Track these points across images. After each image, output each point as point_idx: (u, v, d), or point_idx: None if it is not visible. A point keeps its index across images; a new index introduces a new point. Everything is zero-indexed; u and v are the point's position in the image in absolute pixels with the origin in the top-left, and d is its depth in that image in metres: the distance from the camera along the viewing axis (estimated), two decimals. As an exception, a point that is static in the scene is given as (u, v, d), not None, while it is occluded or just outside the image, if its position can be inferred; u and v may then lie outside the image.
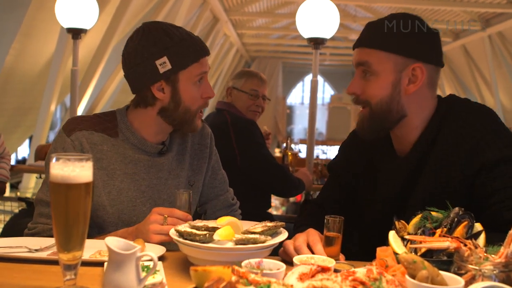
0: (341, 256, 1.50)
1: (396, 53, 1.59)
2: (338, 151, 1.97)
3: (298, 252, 1.47)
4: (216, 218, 1.82)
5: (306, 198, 4.06)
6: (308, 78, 17.61)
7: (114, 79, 8.02)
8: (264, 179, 3.13)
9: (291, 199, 8.34)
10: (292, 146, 3.99)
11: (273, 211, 6.75)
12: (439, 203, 1.46)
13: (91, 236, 1.64)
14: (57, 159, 1.12)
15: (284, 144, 4.00)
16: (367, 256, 1.59)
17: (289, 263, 1.33)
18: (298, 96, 18.05)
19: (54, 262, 1.34)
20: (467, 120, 1.60)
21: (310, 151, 3.88)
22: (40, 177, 4.69)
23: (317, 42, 3.65)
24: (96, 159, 1.68)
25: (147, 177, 1.76)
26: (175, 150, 1.83)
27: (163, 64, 1.64)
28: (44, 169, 1.72)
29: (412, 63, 1.60)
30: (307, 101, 17.95)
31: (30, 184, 6.85)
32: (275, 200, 8.48)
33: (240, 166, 3.03)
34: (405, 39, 1.60)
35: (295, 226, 1.82)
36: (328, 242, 1.46)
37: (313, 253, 1.45)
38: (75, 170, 1.11)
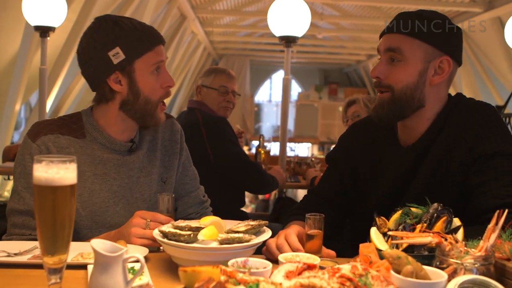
0: (332, 252, 1.53)
1: (429, 43, 1.65)
2: (337, 143, 2.00)
3: (280, 250, 1.48)
4: (187, 215, 1.81)
5: (279, 195, 4.09)
6: (276, 75, 17.66)
7: (81, 77, 7.86)
8: (237, 177, 3.13)
9: (260, 197, 8.36)
10: (265, 144, 4.00)
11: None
12: (437, 193, 1.52)
13: None
14: (39, 161, 1.10)
15: (258, 142, 4.01)
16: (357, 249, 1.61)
17: (273, 261, 1.33)
18: (265, 93, 18.09)
19: (35, 266, 1.32)
20: (469, 116, 1.68)
21: (282, 148, 3.90)
22: (9, 178, 4.58)
23: (288, 40, 3.67)
24: None
25: (118, 176, 1.74)
26: (145, 147, 1.82)
27: (116, 55, 1.62)
28: (13, 173, 1.68)
29: (441, 55, 1.66)
30: (274, 98, 18.00)
31: (-5, 186, 6.68)
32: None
33: (213, 164, 3.03)
34: (438, 31, 1.66)
35: (287, 215, 1.84)
36: (309, 239, 1.48)
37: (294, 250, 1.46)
38: (60, 172, 1.09)
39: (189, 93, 14.61)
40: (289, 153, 12.44)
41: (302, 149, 15.26)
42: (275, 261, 1.34)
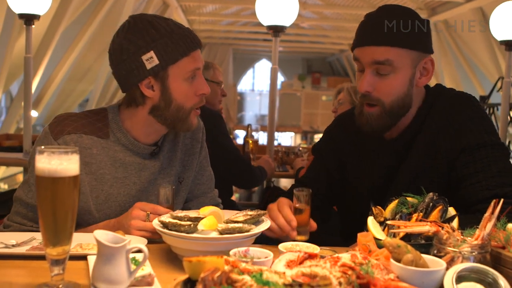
0: (313, 223, 1.57)
1: (414, 48, 1.63)
2: (323, 135, 2.00)
3: (275, 221, 1.52)
4: None
5: (267, 185, 4.11)
6: (259, 64, 17.62)
7: (62, 67, 7.78)
8: (228, 171, 3.15)
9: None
10: (253, 133, 4.01)
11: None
12: (423, 184, 1.53)
13: None
14: (41, 152, 1.10)
15: (246, 132, 4.02)
16: (347, 240, 1.64)
17: (273, 242, 1.34)
18: (248, 82, 18.06)
19: (35, 257, 1.32)
20: (452, 107, 1.69)
21: (270, 138, 3.91)
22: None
23: (276, 30, 3.67)
24: (84, 163, 1.60)
25: (139, 181, 1.69)
26: (166, 147, 1.76)
27: (150, 59, 1.55)
28: (28, 164, 1.66)
29: (424, 56, 1.66)
30: (257, 87, 17.98)
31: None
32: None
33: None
34: (418, 34, 1.64)
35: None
36: (298, 213, 1.53)
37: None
38: (63, 163, 1.09)
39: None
40: (278, 142, 12.48)
41: (285, 138, 15.32)
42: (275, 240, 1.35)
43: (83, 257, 1.32)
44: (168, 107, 1.61)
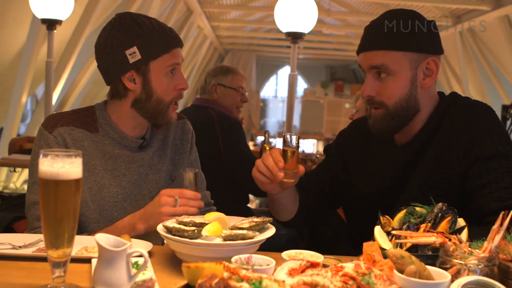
0: (301, 167, 1.60)
1: (411, 50, 1.63)
2: (336, 137, 2.02)
3: (264, 161, 1.58)
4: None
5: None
6: (282, 71, 17.63)
7: (87, 71, 7.88)
8: (246, 180, 3.14)
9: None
10: (270, 140, 4.00)
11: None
12: (433, 194, 1.51)
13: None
14: (45, 155, 1.11)
15: (258, 138, 4.02)
16: (359, 248, 1.62)
17: (277, 249, 1.33)
18: (271, 89, 18.07)
19: (40, 259, 1.33)
20: (467, 116, 1.66)
21: (287, 145, 3.89)
22: (15, 171, 4.60)
23: (295, 37, 3.67)
24: None
25: (128, 172, 1.75)
26: (156, 145, 1.83)
27: (133, 54, 1.64)
28: (30, 166, 1.70)
29: (426, 57, 1.65)
30: (280, 94, 17.98)
31: (1, 177, 6.71)
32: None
33: (224, 163, 3.04)
34: (415, 35, 1.64)
35: None
36: (286, 156, 1.57)
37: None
38: (65, 166, 1.10)
39: (195, 88, 14.59)
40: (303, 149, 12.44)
41: (308, 146, 15.26)
42: (279, 248, 1.34)
43: (88, 260, 1.33)
44: (149, 99, 1.69)
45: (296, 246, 2.64)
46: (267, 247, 1.50)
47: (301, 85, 17.05)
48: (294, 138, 1.58)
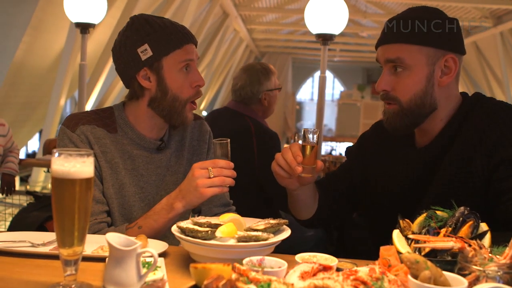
0: (320, 163, 1.61)
1: (428, 45, 1.59)
2: (358, 139, 2.00)
3: (283, 155, 1.58)
4: (212, 216, 1.81)
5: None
6: (318, 74, 17.55)
7: (124, 74, 8.01)
8: (277, 195, 3.14)
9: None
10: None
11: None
12: (455, 198, 1.45)
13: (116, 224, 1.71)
14: (59, 154, 1.12)
15: (292, 141, 3.99)
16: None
17: (292, 252, 1.31)
18: (307, 92, 18.01)
19: (56, 257, 1.34)
20: (490, 117, 1.60)
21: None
22: (48, 171, 4.72)
23: (325, 38, 3.64)
24: (102, 152, 1.70)
25: (146, 173, 1.77)
26: (173, 147, 1.84)
27: (145, 52, 1.66)
28: None
29: (444, 54, 1.60)
30: (317, 97, 17.90)
31: (39, 178, 6.89)
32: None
33: (257, 175, 3.00)
34: (435, 31, 1.59)
35: None
36: (305, 151, 1.58)
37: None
38: (76, 165, 1.11)
39: (229, 92, 14.64)
40: (333, 152, 12.34)
41: (343, 149, 15.13)
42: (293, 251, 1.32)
43: (103, 259, 1.34)
44: (164, 97, 1.70)
45: (324, 249, 2.61)
46: (294, 250, 1.47)
47: (338, 87, 16.93)
48: (313, 133, 1.59)
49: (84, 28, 3.81)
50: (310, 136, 1.58)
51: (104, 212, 1.69)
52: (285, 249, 1.48)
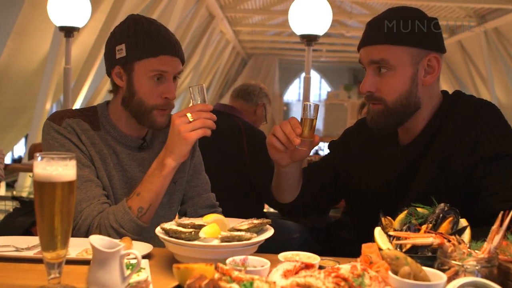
0: (317, 138, 1.66)
1: (412, 45, 1.60)
2: (341, 134, 2.02)
3: (282, 127, 1.62)
4: (198, 217, 1.82)
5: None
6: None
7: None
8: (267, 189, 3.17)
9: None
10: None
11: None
12: (436, 195, 1.47)
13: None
14: (41, 158, 1.12)
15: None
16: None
17: (275, 251, 1.32)
18: (295, 93, 18.06)
19: (41, 261, 1.34)
20: (470, 115, 1.62)
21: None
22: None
23: (309, 39, 3.66)
24: (90, 143, 1.73)
25: (130, 169, 1.79)
26: (157, 148, 1.84)
27: (120, 51, 1.69)
28: None
29: (427, 54, 1.62)
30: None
31: (26, 183, 6.84)
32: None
33: (248, 171, 3.05)
34: (417, 31, 1.61)
35: None
36: (303, 125, 1.62)
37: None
38: (58, 169, 1.11)
39: (218, 92, 14.64)
40: (320, 153, 12.38)
41: (331, 149, 15.17)
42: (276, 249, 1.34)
43: (88, 262, 1.34)
44: (132, 98, 1.72)
45: (310, 249, 2.62)
46: (279, 252, 1.49)
47: (325, 88, 16.99)
48: (313, 107, 1.62)
49: (68, 32, 3.80)
50: (310, 109, 1.61)
51: (104, 195, 1.69)
52: (271, 251, 1.49)
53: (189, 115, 1.55)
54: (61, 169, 1.11)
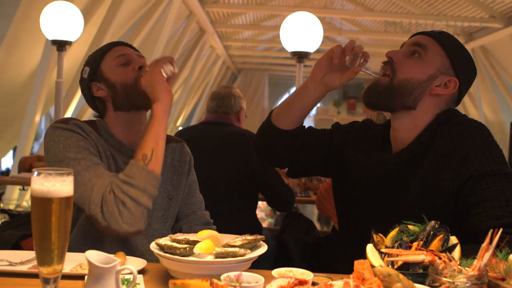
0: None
1: (449, 57, 1.72)
2: (349, 123, 2.04)
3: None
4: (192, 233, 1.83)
5: (290, 210, 4.08)
6: (294, 90, 17.66)
7: (100, 90, 7.98)
8: (275, 197, 3.26)
9: (278, 212, 8.36)
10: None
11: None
12: (426, 212, 1.49)
13: None
14: (38, 174, 1.13)
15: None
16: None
17: (269, 267, 1.34)
18: (284, 107, 18.12)
19: (35, 275, 1.34)
20: (460, 133, 1.67)
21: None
22: (24, 189, 4.66)
23: (300, 56, 3.70)
24: (95, 144, 1.76)
25: None
26: None
27: (85, 71, 1.84)
28: (53, 158, 1.70)
29: (453, 75, 1.72)
30: (293, 112, 17.95)
31: (13, 196, 6.78)
32: (260, 212, 8.48)
33: (257, 177, 3.09)
34: (462, 54, 1.75)
35: None
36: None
37: None
38: (56, 184, 1.12)
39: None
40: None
41: (320, 164, 15.19)
42: (270, 266, 1.35)
43: (82, 277, 1.35)
44: (117, 93, 1.81)
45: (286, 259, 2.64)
46: (260, 264, 1.51)
47: (314, 103, 17.05)
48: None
49: (61, 45, 3.81)
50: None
51: (114, 176, 1.65)
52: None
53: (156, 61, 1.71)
54: (58, 184, 1.12)
